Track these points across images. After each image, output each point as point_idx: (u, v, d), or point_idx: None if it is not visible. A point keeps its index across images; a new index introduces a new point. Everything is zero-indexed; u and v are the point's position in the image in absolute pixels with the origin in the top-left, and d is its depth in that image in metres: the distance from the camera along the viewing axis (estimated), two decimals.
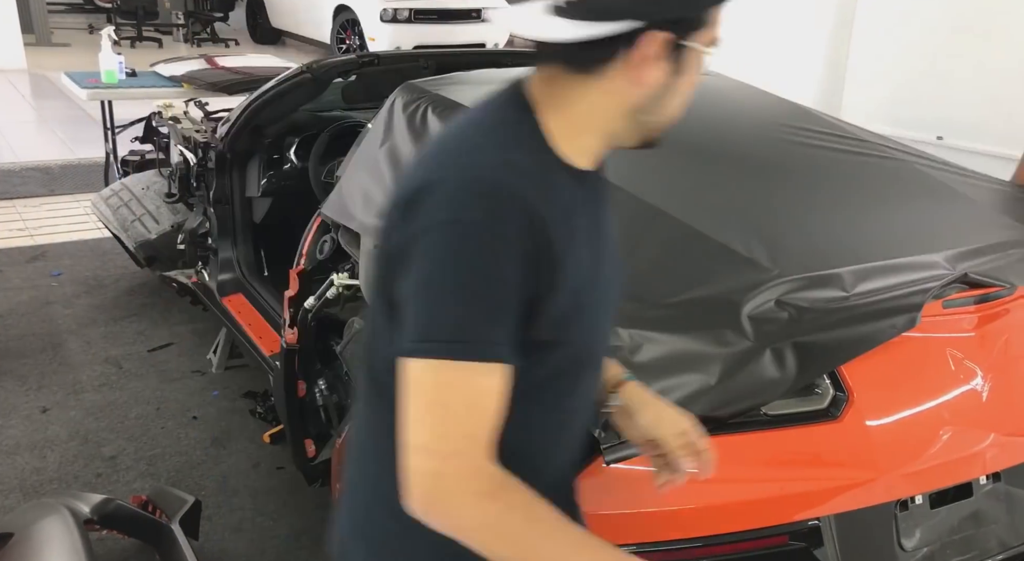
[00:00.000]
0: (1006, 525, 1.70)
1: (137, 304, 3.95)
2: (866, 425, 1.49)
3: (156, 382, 3.25)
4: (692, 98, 1.06)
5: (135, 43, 11.13)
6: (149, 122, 4.04)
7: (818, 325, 1.43)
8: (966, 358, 1.60)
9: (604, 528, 1.40)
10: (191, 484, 2.63)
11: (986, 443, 1.59)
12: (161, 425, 2.96)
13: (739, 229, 1.69)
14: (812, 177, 2.08)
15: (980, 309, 1.63)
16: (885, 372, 1.53)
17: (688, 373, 1.37)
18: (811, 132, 2.38)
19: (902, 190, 2.04)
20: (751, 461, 1.45)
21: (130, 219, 3.63)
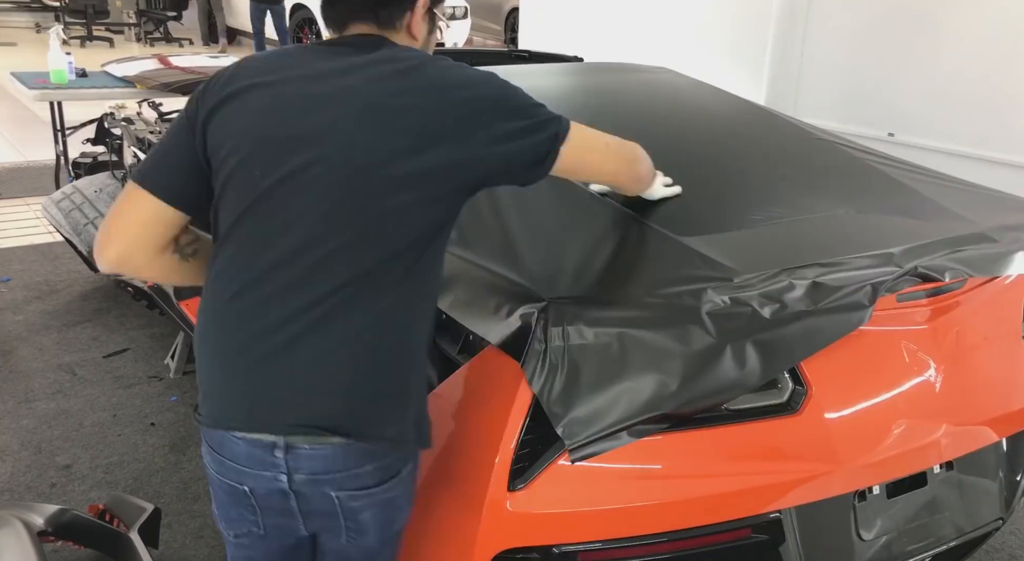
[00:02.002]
0: (959, 511, 1.74)
1: (91, 309, 3.86)
2: (825, 418, 1.52)
3: (112, 388, 3.19)
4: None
5: (85, 43, 10.89)
6: (101, 123, 3.96)
7: (778, 321, 1.44)
8: (920, 350, 1.63)
9: (569, 525, 1.41)
10: (150, 491, 2.58)
11: (939, 433, 1.63)
12: (118, 432, 2.90)
13: (697, 227, 1.71)
14: (768, 175, 2.11)
15: (932, 302, 1.67)
16: (842, 365, 1.56)
17: (651, 371, 1.38)
18: (766, 130, 2.42)
19: (856, 187, 2.08)
20: (714, 456, 1.46)
21: (83, 222, 3.55)
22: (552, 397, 1.35)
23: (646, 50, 4.45)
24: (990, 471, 1.79)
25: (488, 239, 1.70)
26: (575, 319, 1.39)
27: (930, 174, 2.24)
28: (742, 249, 1.64)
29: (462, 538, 1.45)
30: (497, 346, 1.45)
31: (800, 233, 1.78)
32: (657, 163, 2.06)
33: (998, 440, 1.77)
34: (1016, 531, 2.51)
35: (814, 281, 1.51)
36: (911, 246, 1.67)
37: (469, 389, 1.53)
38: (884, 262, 1.61)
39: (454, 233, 1.30)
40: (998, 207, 2.03)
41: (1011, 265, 1.76)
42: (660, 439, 1.41)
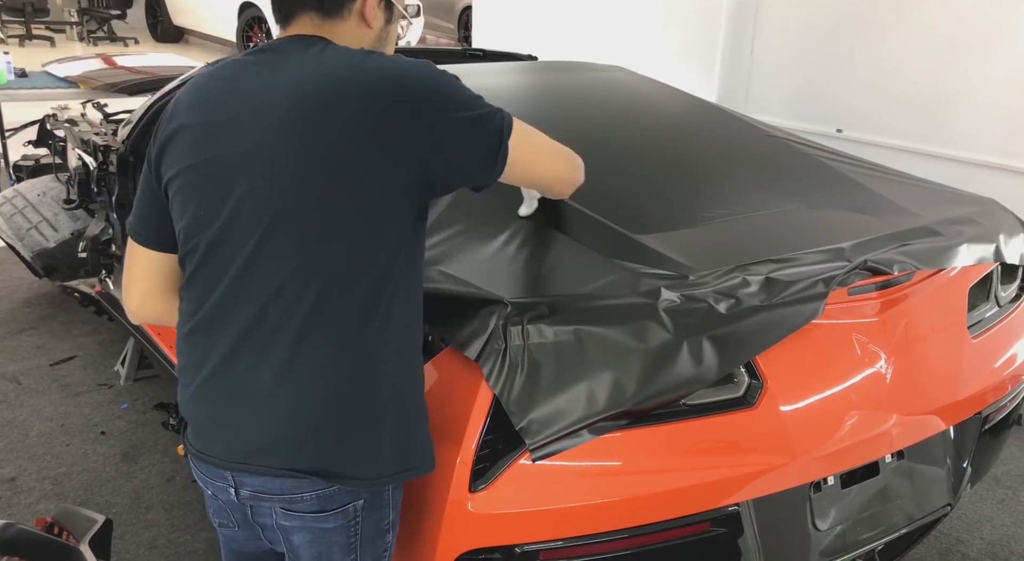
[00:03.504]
0: (910, 499, 1.78)
1: (36, 316, 3.75)
2: (780, 411, 1.54)
3: (59, 397, 3.10)
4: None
5: (24, 42, 10.57)
6: (43, 125, 3.85)
7: (733, 317, 1.46)
8: (870, 342, 1.67)
9: (531, 525, 1.41)
10: (101, 502, 2.52)
11: (890, 423, 1.67)
12: (66, 442, 2.82)
13: (652, 225, 1.72)
14: (721, 172, 2.13)
15: (882, 295, 1.70)
16: (796, 359, 1.58)
17: (610, 369, 1.38)
18: (719, 128, 2.45)
19: (806, 183, 2.12)
20: (672, 451, 1.47)
21: (26, 227, 3.45)
22: (512, 397, 1.35)
23: (600, 49, 4.48)
24: (938, 459, 1.84)
25: (444, 242, 1.69)
26: (534, 318, 1.39)
27: (877, 169, 2.29)
28: (697, 246, 1.66)
29: (424, 541, 1.44)
30: (456, 347, 1.44)
31: (753, 229, 1.81)
32: (612, 161, 2.07)
33: (946, 428, 1.82)
34: (962, 516, 2.59)
35: (768, 277, 1.54)
36: (860, 241, 1.71)
37: (429, 391, 1.52)
38: (835, 257, 1.64)
39: None
40: (942, 201, 2.09)
41: (955, 257, 1.81)
42: (619, 436, 1.42)
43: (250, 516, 1.31)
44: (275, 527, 1.30)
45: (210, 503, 1.40)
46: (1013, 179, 3.12)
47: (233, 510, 1.35)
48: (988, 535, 2.51)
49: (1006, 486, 2.76)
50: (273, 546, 1.36)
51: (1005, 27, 3.16)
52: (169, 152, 1.24)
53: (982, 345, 1.90)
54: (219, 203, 1.18)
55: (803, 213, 1.93)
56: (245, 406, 1.21)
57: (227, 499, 1.30)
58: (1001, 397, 1.95)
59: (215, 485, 1.30)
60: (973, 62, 3.25)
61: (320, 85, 1.16)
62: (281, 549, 1.34)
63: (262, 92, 1.18)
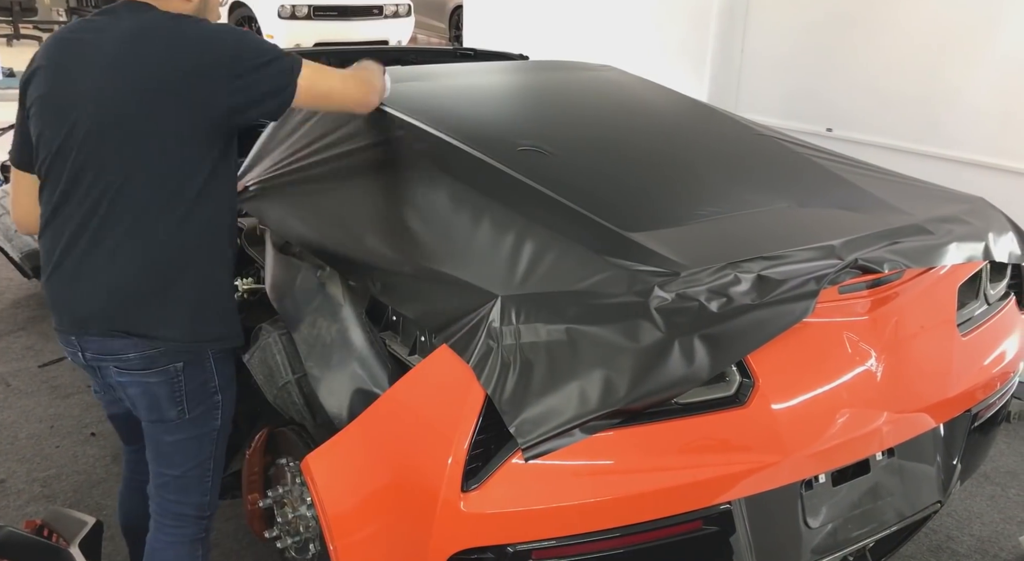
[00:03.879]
0: (901, 496, 1.79)
1: (24, 317, 3.73)
2: (772, 409, 1.54)
3: (48, 399, 3.08)
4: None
5: (12, 41, 10.50)
6: None
7: (725, 315, 1.46)
8: (861, 340, 1.67)
9: (523, 524, 1.41)
10: (91, 504, 2.50)
11: (881, 421, 1.67)
12: (56, 444, 2.81)
13: (644, 222, 1.72)
14: (712, 171, 2.14)
15: (872, 293, 1.71)
16: (788, 357, 1.58)
17: (603, 368, 1.38)
18: (710, 127, 2.45)
19: (797, 181, 2.12)
20: (664, 450, 1.48)
21: (14, 228, 3.42)
22: (504, 396, 1.34)
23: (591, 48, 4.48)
24: (928, 456, 1.85)
25: (437, 240, 1.69)
26: (526, 318, 1.39)
27: (867, 168, 2.29)
28: (688, 244, 1.66)
29: (416, 541, 1.44)
30: (449, 346, 1.44)
31: (744, 227, 1.81)
32: (603, 160, 2.07)
33: (936, 426, 1.82)
34: (952, 513, 2.60)
35: (759, 275, 1.54)
36: (851, 238, 1.71)
37: (421, 390, 1.52)
38: (826, 255, 1.64)
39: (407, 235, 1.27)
40: (932, 199, 2.10)
41: (945, 256, 1.82)
42: (612, 435, 1.42)
43: (100, 377, 1.69)
44: (116, 385, 1.67)
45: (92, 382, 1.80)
46: (1001, 178, 3.14)
47: (92, 376, 1.73)
48: (978, 532, 2.53)
49: (995, 483, 2.78)
50: (125, 403, 1.72)
51: (994, 27, 3.17)
52: (30, 87, 1.59)
53: (971, 343, 1.91)
54: (59, 125, 1.53)
55: (794, 211, 1.94)
56: (82, 283, 1.57)
57: (81, 364, 1.68)
58: (990, 394, 1.96)
59: (70, 352, 1.68)
60: (962, 62, 3.27)
61: (138, 37, 1.50)
62: (128, 405, 1.71)
63: (96, 42, 1.53)
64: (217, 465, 1.80)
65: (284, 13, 8.69)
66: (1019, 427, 3.11)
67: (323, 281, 1.78)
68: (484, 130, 2.02)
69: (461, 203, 1.76)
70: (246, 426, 2.28)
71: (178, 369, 1.63)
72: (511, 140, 2.04)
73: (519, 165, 1.88)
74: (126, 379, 1.64)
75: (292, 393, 1.89)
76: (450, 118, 2.12)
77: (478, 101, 2.41)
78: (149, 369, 1.61)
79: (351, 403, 1.65)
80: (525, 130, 2.16)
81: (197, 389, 1.68)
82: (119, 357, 1.61)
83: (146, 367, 1.61)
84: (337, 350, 1.70)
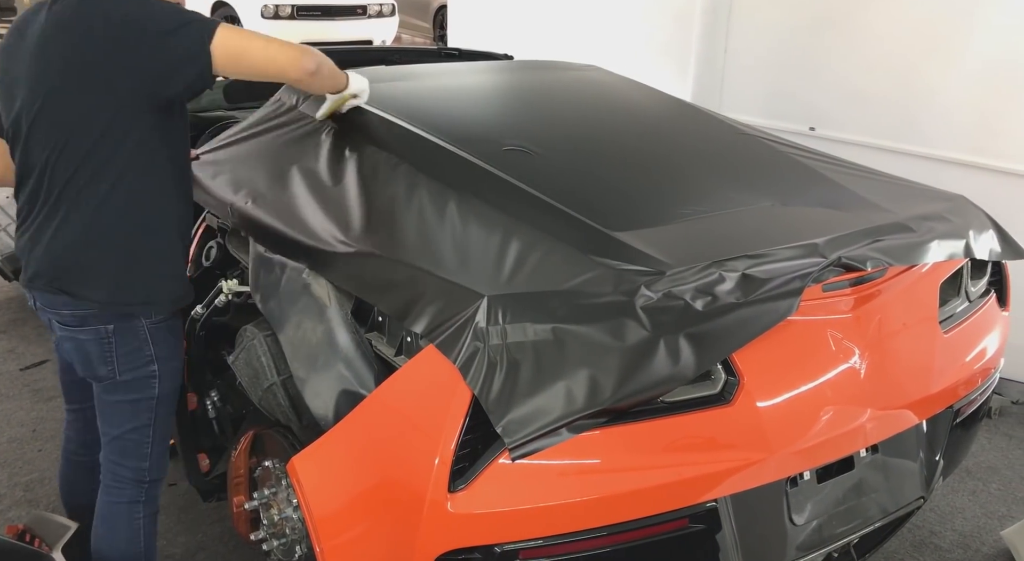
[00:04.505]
0: (885, 493, 1.80)
1: (5, 320, 3.69)
2: (757, 407, 1.55)
3: (30, 402, 3.05)
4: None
5: None
6: None
7: (710, 314, 1.47)
8: (845, 338, 1.69)
9: (510, 524, 1.41)
10: None
11: (865, 418, 1.69)
12: (38, 448, 2.78)
13: (629, 222, 1.73)
14: (696, 170, 2.15)
15: (856, 291, 1.72)
16: (772, 355, 1.59)
17: (589, 367, 1.39)
18: (694, 126, 2.46)
19: (781, 180, 2.13)
20: (650, 448, 1.48)
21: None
22: (491, 396, 1.34)
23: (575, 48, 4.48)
24: (912, 452, 1.86)
25: (422, 240, 1.68)
26: (512, 317, 1.39)
27: (850, 166, 2.31)
28: (673, 242, 1.67)
29: (403, 542, 1.44)
30: (435, 346, 1.43)
31: (728, 226, 1.82)
32: (588, 159, 2.08)
33: (919, 422, 1.84)
34: (935, 508, 2.62)
35: (743, 273, 1.55)
36: (834, 237, 1.72)
37: (408, 391, 1.52)
38: (809, 253, 1.65)
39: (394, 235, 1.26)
40: (913, 197, 2.11)
41: (927, 253, 1.83)
42: (598, 434, 1.42)
43: (51, 331, 1.83)
44: (57, 340, 1.81)
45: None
46: (982, 176, 3.17)
47: (49, 330, 1.86)
48: (960, 527, 2.55)
49: (977, 478, 2.80)
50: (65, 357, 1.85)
51: (974, 27, 3.20)
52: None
53: (953, 340, 1.93)
54: (11, 103, 1.68)
55: (778, 210, 1.95)
56: (37, 245, 1.71)
57: (31, 307, 1.81)
58: (972, 391, 1.98)
59: (30, 305, 1.81)
60: (943, 61, 3.30)
61: (65, 18, 1.60)
62: (68, 358, 1.83)
63: (38, 24, 1.64)
64: (158, 435, 1.86)
65: (267, 13, 8.64)
66: (1000, 423, 3.15)
67: (308, 282, 1.77)
68: (469, 130, 2.02)
69: (447, 203, 1.76)
70: (230, 428, 2.28)
71: (108, 331, 1.73)
72: (496, 140, 2.04)
73: (505, 165, 1.88)
74: (63, 334, 1.77)
75: (278, 395, 1.88)
76: (435, 118, 2.11)
77: (463, 101, 2.41)
78: (81, 327, 1.73)
79: (337, 404, 1.64)
80: (510, 130, 2.16)
81: (129, 354, 1.75)
82: (58, 312, 1.74)
83: (79, 324, 1.73)
84: (323, 351, 1.69)
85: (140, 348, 1.76)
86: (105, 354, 1.75)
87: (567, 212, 1.72)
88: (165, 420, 1.88)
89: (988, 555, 2.43)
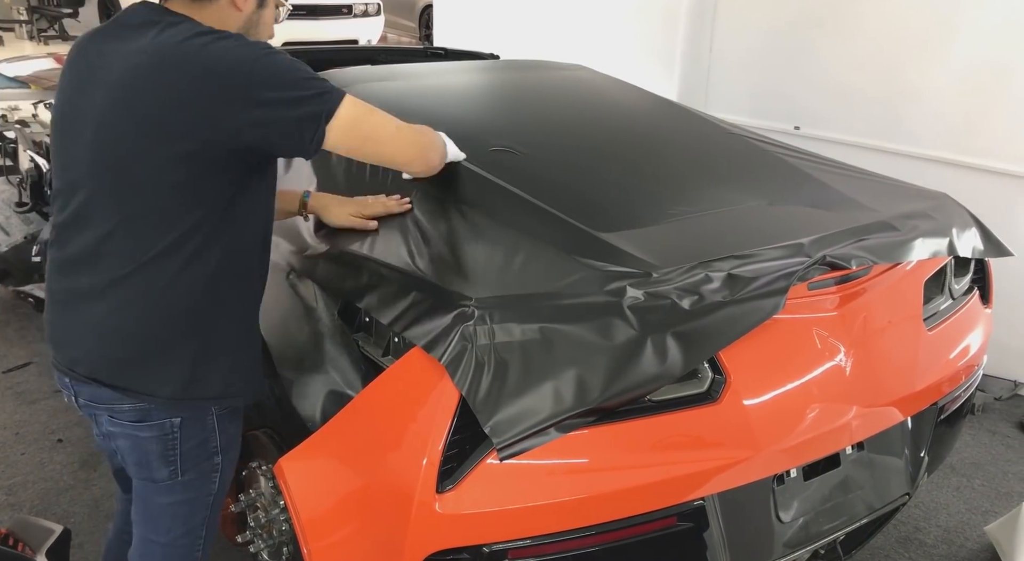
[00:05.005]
0: (870, 489, 1.82)
1: None
2: (744, 405, 1.56)
3: (13, 405, 3.02)
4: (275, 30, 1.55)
5: None
6: None
7: (697, 313, 1.48)
8: (830, 336, 1.70)
9: (499, 524, 1.41)
10: (59, 512, 2.46)
11: (851, 415, 1.70)
12: (21, 451, 2.76)
13: (616, 223, 1.73)
14: (682, 170, 2.15)
15: (841, 289, 1.73)
16: (759, 354, 1.60)
17: (577, 367, 1.39)
18: (680, 126, 2.47)
19: (766, 179, 2.14)
20: (638, 447, 1.48)
21: None
22: (479, 396, 1.34)
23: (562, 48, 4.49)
24: (897, 449, 1.88)
25: (410, 242, 1.68)
26: (500, 318, 1.39)
27: (835, 165, 2.32)
28: (660, 243, 1.67)
29: (391, 543, 1.44)
30: (422, 347, 1.43)
31: (714, 226, 1.82)
32: (575, 160, 2.08)
33: (904, 419, 1.85)
34: (920, 505, 2.64)
35: (730, 273, 1.55)
36: (819, 236, 1.73)
37: (395, 392, 1.51)
38: (795, 252, 1.66)
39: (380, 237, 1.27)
40: (897, 196, 2.13)
41: (911, 251, 1.85)
42: (586, 433, 1.43)
43: (96, 425, 1.53)
44: (107, 434, 1.51)
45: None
46: (965, 174, 3.20)
47: (92, 424, 1.55)
48: (944, 522, 2.57)
49: (961, 474, 2.83)
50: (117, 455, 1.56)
51: (958, 26, 3.23)
52: (56, 100, 1.45)
53: (937, 337, 1.94)
54: (69, 146, 1.39)
55: (763, 209, 1.96)
56: (75, 324, 1.43)
57: (72, 405, 1.52)
58: (956, 387, 2.00)
59: (66, 395, 1.52)
60: (927, 61, 3.32)
61: (148, 57, 1.32)
62: (119, 458, 1.56)
63: (111, 58, 1.36)
64: (209, 533, 1.63)
65: None
66: (983, 419, 3.18)
67: (295, 283, 1.76)
68: (455, 130, 2.01)
69: (432, 205, 1.75)
70: None
71: (175, 424, 1.47)
72: (483, 140, 2.04)
73: (491, 166, 1.88)
74: (116, 429, 1.48)
75: (264, 396, 1.88)
76: (421, 118, 2.10)
77: (449, 101, 2.41)
78: (142, 422, 1.46)
79: (324, 405, 1.64)
80: (497, 130, 2.16)
81: (194, 449, 1.51)
82: (113, 407, 1.45)
83: (139, 420, 1.46)
84: (310, 352, 1.68)
85: (206, 440, 1.52)
86: (168, 453, 1.49)
87: (554, 213, 1.72)
88: (216, 515, 1.64)
89: (972, 550, 2.45)
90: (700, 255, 1.60)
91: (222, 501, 1.64)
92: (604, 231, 1.67)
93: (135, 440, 1.48)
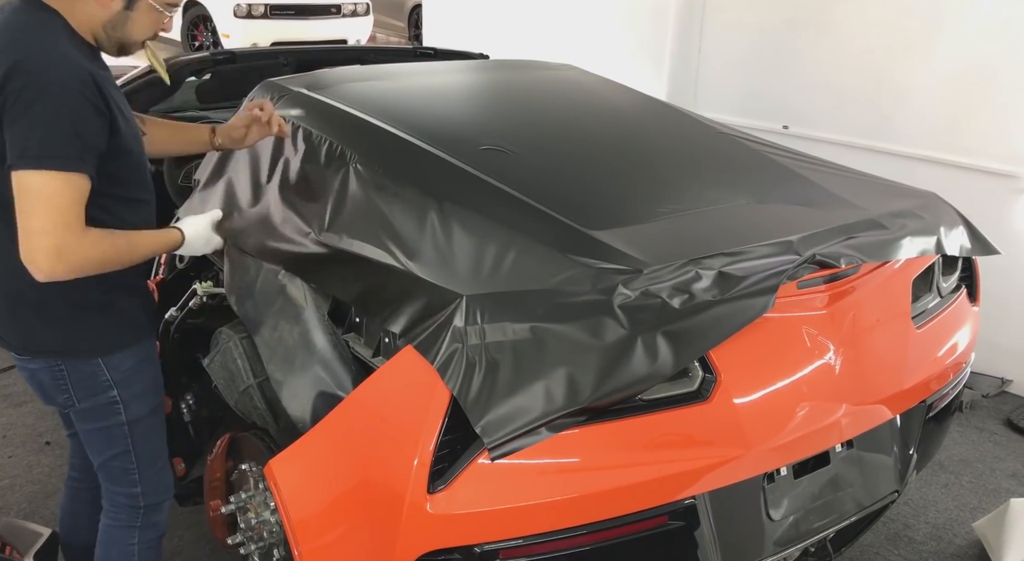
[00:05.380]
0: (860, 487, 1.82)
1: None
2: (734, 404, 1.56)
3: (1, 408, 3.00)
4: (161, 25, 1.60)
5: None
6: None
7: (687, 311, 1.48)
8: (820, 334, 1.70)
9: (490, 524, 1.41)
10: (47, 515, 2.44)
11: (840, 413, 1.70)
12: (8, 454, 2.73)
13: (606, 221, 1.73)
14: (672, 169, 2.16)
15: (830, 288, 1.74)
16: (749, 352, 1.60)
17: (568, 366, 1.39)
18: (669, 125, 2.47)
19: (755, 178, 2.15)
20: (629, 446, 1.48)
21: None
22: (470, 396, 1.34)
23: (551, 47, 4.49)
24: (886, 447, 1.88)
25: (400, 241, 1.68)
26: (491, 317, 1.39)
27: (823, 164, 2.33)
28: (650, 241, 1.67)
29: (382, 543, 1.43)
30: (413, 347, 1.43)
31: (704, 224, 1.83)
32: (564, 159, 2.08)
33: (893, 417, 1.86)
34: (909, 502, 2.66)
35: (720, 271, 1.56)
36: (808, 234, 1.74)
37: (386, 392, 1.51)
38: (784, 250, 1.67)
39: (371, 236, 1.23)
40: (886, 194, 2.14)
41: (900, 250, 1.86)
42: (577, 432, 1.42)
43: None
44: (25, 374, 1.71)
45: None
46: (953, 173, 3.22)
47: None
48: (933, 519, 2.59)
49: (949, 471, 2.85)
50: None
51: (945, 26, 3.25)
52: (117, 109, 1.54)
53: (926, 335, 1.95)
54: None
55: (753, 208, 1.96)
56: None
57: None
58: (944, 385, 2.01)
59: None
60: (915, 60, 3.34)
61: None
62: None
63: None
64: (142, 459, 1.77)
65: (240, 12, 8.55)
66: (971, 416, 3.20)
67: (284, 283, 1.76)
68: (446, 130, 2.01)
69: (424, 203, 1.75)
70: (206, 432, 2.25)
71: (57, 360, 1.64)
72: (473, 139, 2.04)
73: (482, 164, 1.88)
74: (19, 364, 1.69)
75: (254, 397, 1.87)
76: (411, 118, 2.11)
77: (439, 101, 2.40)
78: (32, 358, 1.66)
79: (314, 406, 1.63)
80: (487, 129, 2.16)
81: (84, 381, 1.66)
82: (7, 342, 1.68)
83: (29, 357, 1.66)
84: (299, 353, 1.68)
85: (94, 374, 1.66)
86: (58, 382, 1.66)
87: (544, 211, 1.72)
88: (145, 443, 1.77)
89: (960, 546, 2.47)
90: (690, 253, 1.60)
91: (148, 432, 1.77)
92: (594, 229, 1.67)
93: (30, 372, 1.68)
